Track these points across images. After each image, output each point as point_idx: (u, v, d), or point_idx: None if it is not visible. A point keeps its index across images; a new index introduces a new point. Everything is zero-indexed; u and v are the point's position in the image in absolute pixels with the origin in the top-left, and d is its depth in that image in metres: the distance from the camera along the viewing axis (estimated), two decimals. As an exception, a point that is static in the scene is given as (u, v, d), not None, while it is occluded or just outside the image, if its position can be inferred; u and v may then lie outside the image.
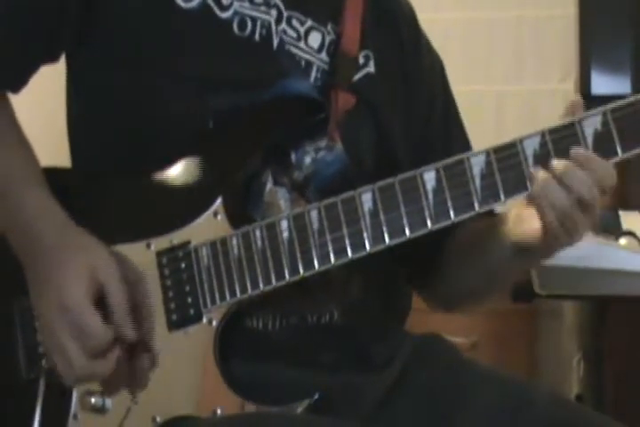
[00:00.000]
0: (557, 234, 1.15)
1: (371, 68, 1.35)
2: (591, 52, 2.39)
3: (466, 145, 1.44)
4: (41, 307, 1.19)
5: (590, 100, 2.39)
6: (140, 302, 1.20)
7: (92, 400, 1.21)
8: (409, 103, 1.38)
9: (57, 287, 1.17)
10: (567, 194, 1.12)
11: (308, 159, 1.28)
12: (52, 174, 1.28)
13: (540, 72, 3.68)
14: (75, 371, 1.17)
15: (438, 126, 1.42)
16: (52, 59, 1.31)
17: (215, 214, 1.22)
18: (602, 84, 2.37)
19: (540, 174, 1.13)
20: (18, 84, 1.30)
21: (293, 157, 1.27)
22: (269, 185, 1.26)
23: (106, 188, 1.28)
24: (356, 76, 1.33)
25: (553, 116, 3.66)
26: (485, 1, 3.77)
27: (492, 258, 1.28)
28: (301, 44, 1.31)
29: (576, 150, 1.13)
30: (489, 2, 3.76)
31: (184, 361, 1.20)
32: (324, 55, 1.32)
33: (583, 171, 1.12)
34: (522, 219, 1.18)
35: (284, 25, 1.29)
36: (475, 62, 3.77)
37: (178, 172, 1.25)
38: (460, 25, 3.74)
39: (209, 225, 1.22)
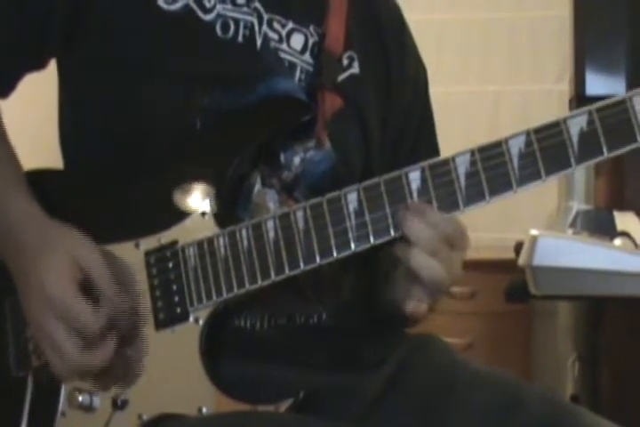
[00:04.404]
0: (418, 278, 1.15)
1: (355, 70, 1.35)
2: (586, 53, 2.38)
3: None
4: (28, 305, 1.19)
5: (585, 101, 2.39)
6: (128, 295, 1.20)
7: (80, 398, 1.21)
8: (387, 109, 1.38)
9: (40, 281, 1.17)
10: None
11: (297, 159, 1.28)
12: (42, 175, 1.30)
13: (535, 73, 3.70)
14: (70, 363, 1.17)
15: (409, 137, 1.42)
16: (40, 62, 1.32)
17: (203, 215, 1.22)
18: (597, 84, 2.37)
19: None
20: (6, 89, 1.31)
21: (282, 157, 1.27)
22: (258, 186, 1.26)
23: (95, 188, 1.28)
24: (341, 77, 1.33)
25: (547, 117, 3.67)
26: (480, 2, 3.78)
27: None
28: (284, 46, 1.30)
29: (412, 202, 1.13)
30: (484, 3, 3.77)
31: (171, 360, 1.20)
32: (307, 57, 1.32)
33: (423, 222, 1.13)
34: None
35: (265, 27, 1.29)
36: (470, 63, 3.79)
37: (166, 172, 1.25)
38: (456, 26, 3.75)
39: (197, 225, 1.22)
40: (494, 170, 1.12)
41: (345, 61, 1.34)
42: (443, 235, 1.13)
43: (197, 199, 1.22)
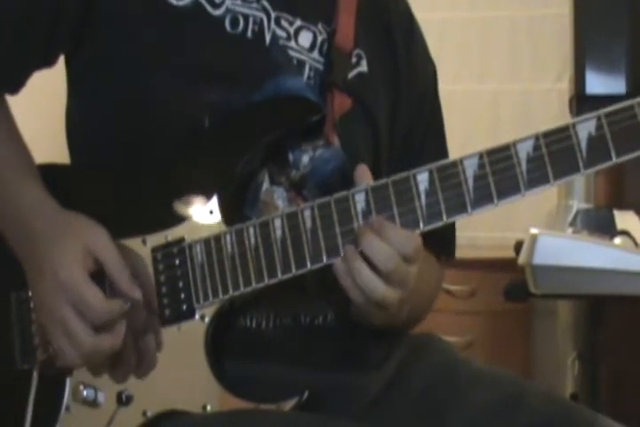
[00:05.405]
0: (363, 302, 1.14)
1: (363, 68, 1.34)
2: (586, 52, 2.39)
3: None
4: (39, 292, 1.19)
5: (585, 100, 2.39)
6: (141, 282, 1.20)
7: (85, 393, 1.21)
8: (396, 107, 1.38)
9: (51, 268, 1.17)
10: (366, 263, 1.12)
11: (305, 158, 1.28)
12: (50, 170, 1.30)
13: (534, 71, 3.69)
14: (80, 347, 1.16)
15: (417, 137, 1.41)
16: (49, 60, 1.32)
17: (210, 212, 1.22)
18: (596, 83, 2.37)
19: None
20: (16, 85, 1.31)
21: (291, 156, 1.27)
22: (266, 185, 1.26)
23: (103, 184, 1.29)
24: (349, 75, 1.32)
25: (547, 116, 3.68)
26: (480, 1, 3.77)
27: None
28: (292, 44, 1.30)
29: (374, 219, 1.13)
30: (484, 1, 3.76)
31: (176, 357, 1.21)
32: (316, 54, 1.32)
33: (380, 239, 1.12)
34: None
35: (272, 25, 1.29)
36: (470, 62, 3.78)
37: (174, 169, 1.25)
38: (455, 24, 3.75)
39: (204, 223, 1.22)
40: (502, 173, 1.11)
41: (353, 59, 1.33)
42: (401, 253, 1.12)
43: (205, 197, 1.22)
